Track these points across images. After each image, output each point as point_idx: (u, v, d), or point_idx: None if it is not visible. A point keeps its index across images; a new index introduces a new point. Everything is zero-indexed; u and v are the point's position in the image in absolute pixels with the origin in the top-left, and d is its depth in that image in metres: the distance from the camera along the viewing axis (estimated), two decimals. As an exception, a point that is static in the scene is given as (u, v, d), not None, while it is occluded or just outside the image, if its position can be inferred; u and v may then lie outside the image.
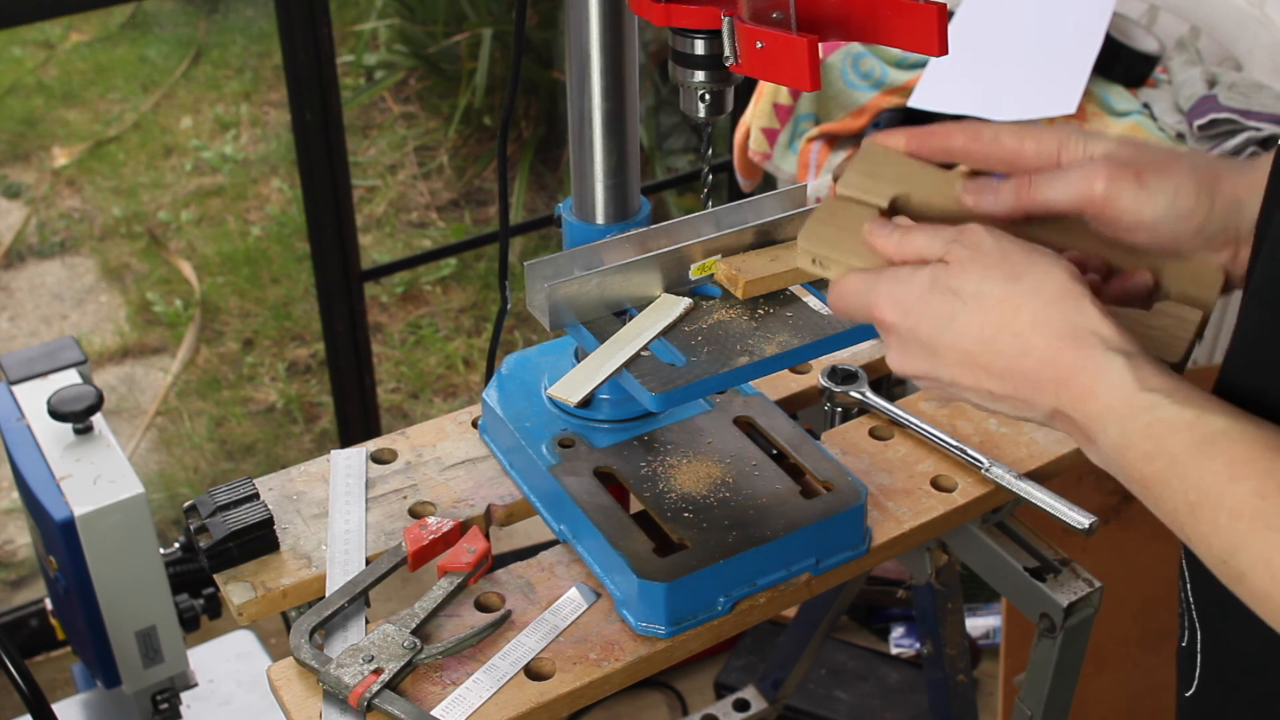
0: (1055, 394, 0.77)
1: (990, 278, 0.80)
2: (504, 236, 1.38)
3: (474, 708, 1.06)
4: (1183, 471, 0.71)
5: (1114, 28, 2.18)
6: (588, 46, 1.14)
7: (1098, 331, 0.76)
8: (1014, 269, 0.80)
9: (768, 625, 2.43)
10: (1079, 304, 0.77)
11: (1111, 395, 0.74)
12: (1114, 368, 0.74)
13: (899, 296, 0.84)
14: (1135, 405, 0.73)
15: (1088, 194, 0.86)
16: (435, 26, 3.99)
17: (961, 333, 0.80)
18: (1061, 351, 0.76)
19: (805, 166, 2.29)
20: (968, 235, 0.83)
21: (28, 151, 4.10)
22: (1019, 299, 0.78)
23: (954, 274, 0.81)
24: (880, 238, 0.88)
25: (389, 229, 3.76)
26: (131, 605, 1.60)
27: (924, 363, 0.84)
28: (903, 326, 0.84)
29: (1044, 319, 0.77)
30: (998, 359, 0.79)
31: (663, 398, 1.07)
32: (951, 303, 0.81)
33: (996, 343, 0.79)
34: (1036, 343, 0.77)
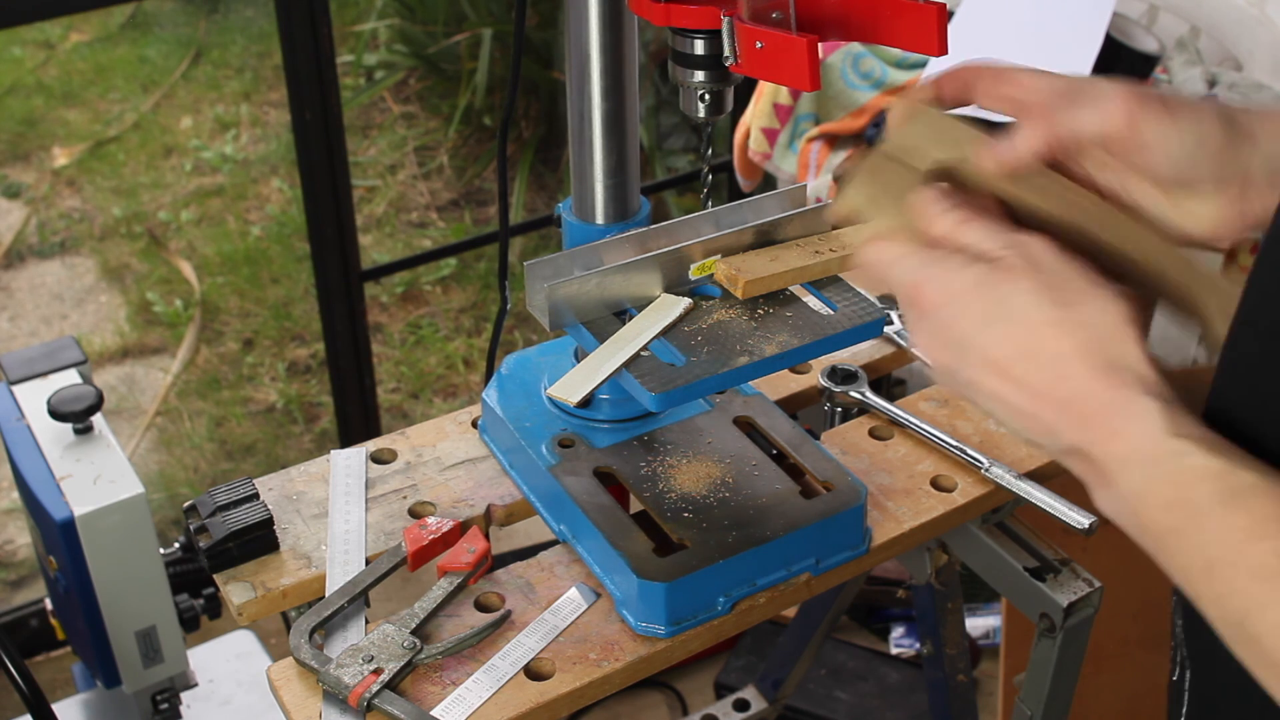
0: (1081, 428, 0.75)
1: (1044, 298, 0.77)
2: (504, 236, 1.38)
3: (474, 708, 1.06)
4: (1204, 524, 0.68)
5: (1114, 28, 2.18)
6: (587, 46, 1.14)
7: (1139, 373, 0.74)
8: (1070, 295, 0.77)
9: (768, 625, 2.43)
10: (1125, 345, 0.75)
11: (1141, 438, 0.72)
12: (1148, 410, 0.72)
13: (947, 283, 0.80)
14: (1163, 450, 0.71)
15: (1115, 119, 0.84)
16: (435, 26, 3.99)
17: (1001, 339, 0.78)
18: (1098, 386, 0.74)
19: (805, 166, 2.29)
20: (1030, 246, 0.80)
21: (28, 151, 4.10)
22: (1069, 325, 0.76)
23: (1006, 281, 0.78)
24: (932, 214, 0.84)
25: (389, 229, 3.77)
26: (131, 605, 1.60)
27: (950, 356, 0.81)
28: (941, 315, 0.80)
29: (1090, 351, 0.75)
30: (1031, 376, 0.76)
31: (662, 398, 1.07)
32: (996, 309, 0.78)
33: (1035, 360, 0.76)
34: (1077, 371, 0.75)
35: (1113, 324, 0.76)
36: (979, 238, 0.82)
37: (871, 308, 1.14)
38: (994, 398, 0.79)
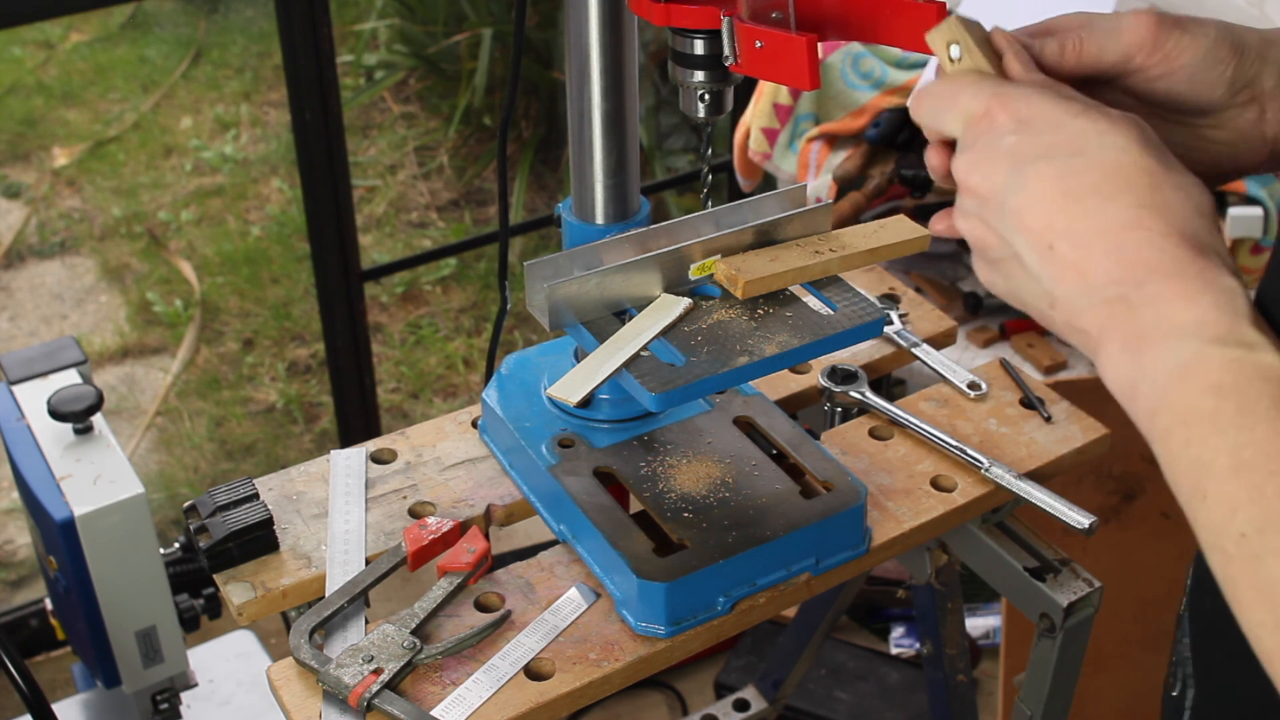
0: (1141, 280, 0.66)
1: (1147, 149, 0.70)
2: (504, 236, 1.38)
3: (474, 708, 1.06)
4: (1250, 422, 0.61)
5: (1114, 28, 2.18)
6: (587, 46, 1.14)
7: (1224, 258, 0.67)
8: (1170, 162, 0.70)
9: (768, 625, 2.43)
10: (1215, 229, 0.69)
11: (1213, 312, 0.64)
12: (1230, 289, 0.65)
13: (1033, 105, 0.73)
14: (1233, 334, 0.63)
15: (1137, 39, 0.83)
16: (435, 26, 3.99)
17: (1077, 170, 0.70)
18: (1181, 248, 0.66)
19: (805, 166, 2.29)
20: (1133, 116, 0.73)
21: (28, 151, 4.10)
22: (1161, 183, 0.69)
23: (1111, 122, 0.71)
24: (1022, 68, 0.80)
25: (389, 229, 3.77)
26: (131, 605, 1.60)
27: (1002, 174, 0.72)
28: (1009, 130, 0.73)
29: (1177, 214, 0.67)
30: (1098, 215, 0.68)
31: (662, 398, 1.07)
32: (1087, 139, 0.71)
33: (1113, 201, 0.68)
34: (1157, 226, 0.67)
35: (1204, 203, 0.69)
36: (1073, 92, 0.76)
37: (871, 308, 1.14)
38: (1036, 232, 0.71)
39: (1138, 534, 2.12)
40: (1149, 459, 1.83)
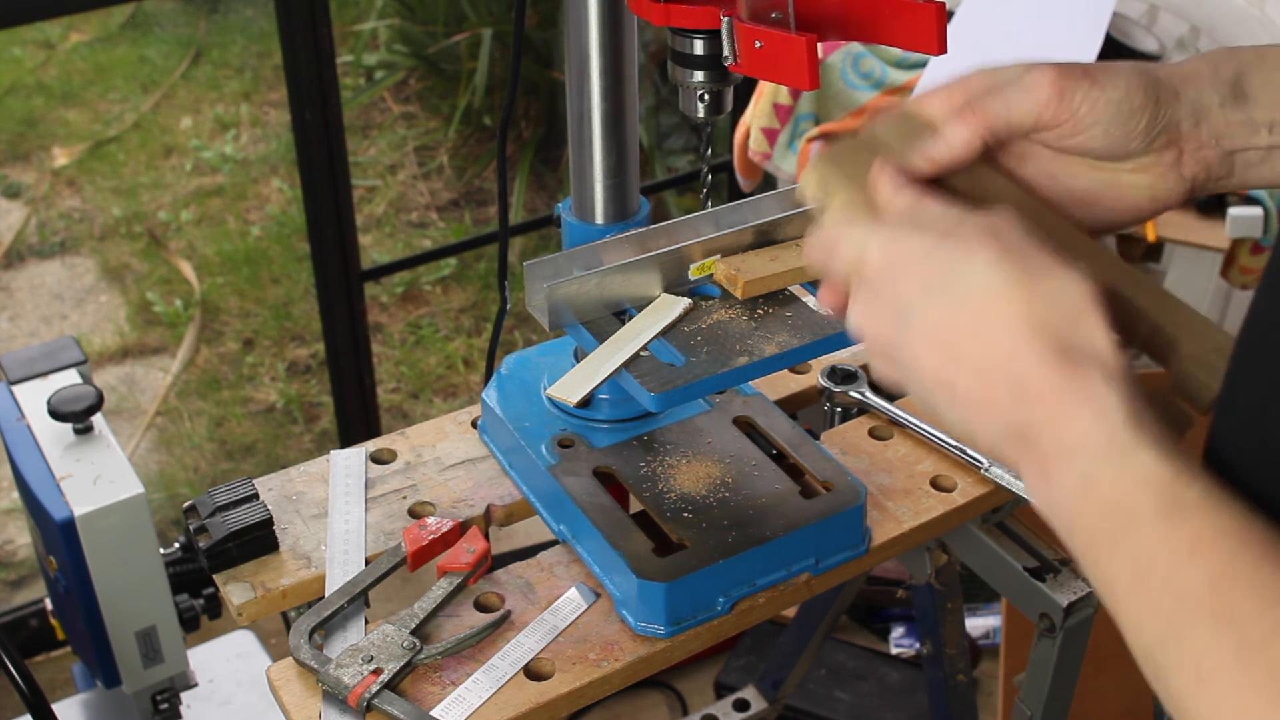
0: (1029, 409, 0.67)
1: (1005, 266, 0.69)
2: (504, 236, 1.38)
3: (473, 708, 1.06)
4: (1139, 535, 0.62)
5: (1114, 28, 2.18)
6: (587, 46, 1.14)
7: (1102, 357, 0.67)
8: (1034, 268, 0.70)
9: (768, 625, 2.43)
10: (1093, 325, 0.68)
11: (1093, 427, 0.65)
12: (1107, 398, 0.65)
13: (894, 250, 0.74)
14: (1115, 444, 0.64)
15: (1041, 98, 0.81)
16: (435, 26, 3.99)
17: (950, 309, 0.70)
18: (1056, 364, 0.66)
19: (805, 166, 2.29)
20: (993, 216, 0.73)
21: (28, 151, 4.10)
22: (1030, 297, 0.68)
23: (967, 247, 0.71)
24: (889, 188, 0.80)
25: (389, 229, 3.77)
26: (131, 605, 1.60)
27: (889, 327, 0.73)
28: (884, 279, 0.73)
29: (1050, 327, 0.67)
30: (980, 352, 0.69)
31: (662, 398, 1.07)
32: (949, 273, 0.71)
33: (987, 334, 0.68)
34: (1031, 347, 0.67)
35: (1077, 301, 0.68)
36: (938, 213, 0.76)
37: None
38: (934, 378, 0.71)
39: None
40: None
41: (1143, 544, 0.61)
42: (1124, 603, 0.62)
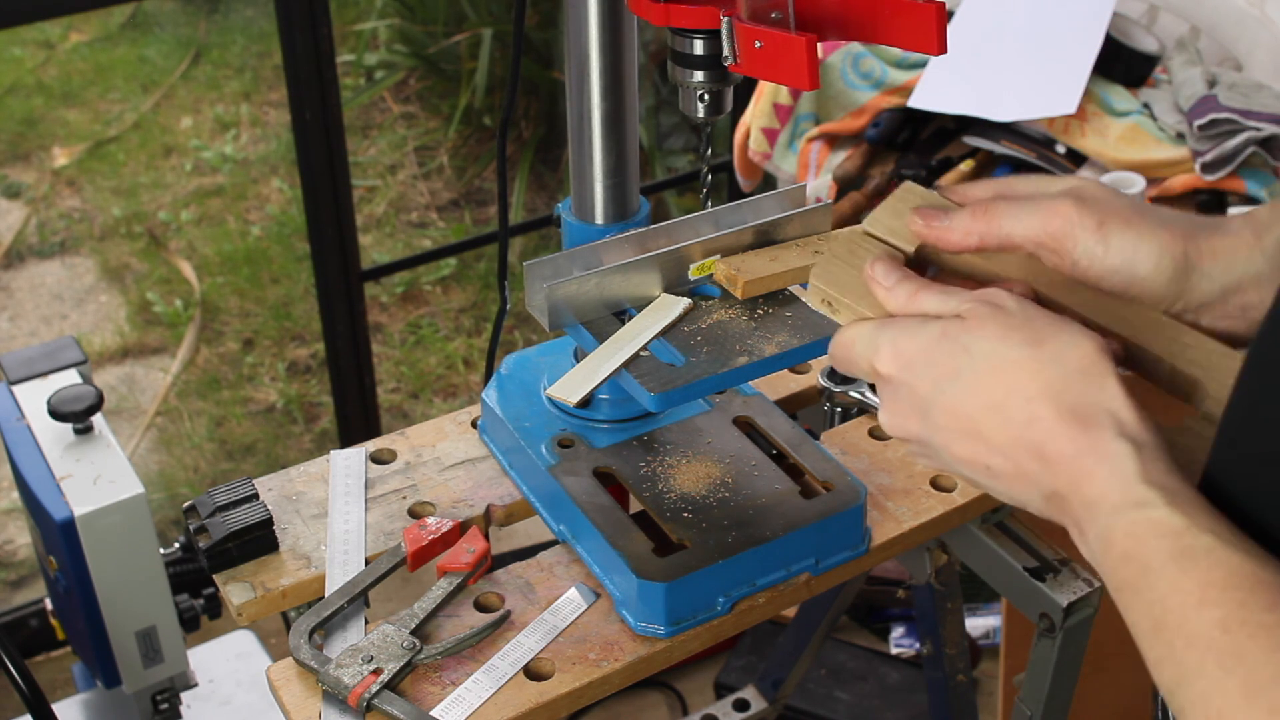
0: (1055, 472, 0.70)
1: (1010, 339, 0.73)
2: (503, 236, 1.38)
3: (473, 708, 1.06)
4: (1153, 582, 0.65)
5: (1114, 28, 2.18)
6: (587, 46, 1.14)
7: (1115, 414, 0.69)
8: (1037, 334, 0.72)
9: (768, 625, 2.43)
10: (1102, 381, 0.70)
11: (1108, 483, 0.68)
12: (1119, 454, 0.68)
13: (903, 346, 0.77)
14: (1128, 498, 0.67)
15: (1045, 230, 0.81)
16: (435, 26, 3.99)
17: (965, 394, 0.73)
18: (1070, 427, 0.70)
19: (805, 166, 2.29)
20: (992, 294, 0.76)
21: (28, 151, 4.10)
22: (1037, 365, 0.71)
23: (970, 329, 0.74)
24: (884, 287, 0.81)
25: (389, 229, 3.77)
26: (131, 605, 1.60)
27: (916, 424, 0.76)
28: (900, 379, 0.77)
29: (1060, 390, 0.70)
30: (1001, 429, 0.72)
31: (662, 398, 1.07)
32: (959, 359, 0.74)
33: (1004, 410, 0.72)
34: (1046, 413, 0.70)
35: (1084, 359, 0.71)
36: (936, 302, 0.78)
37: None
38: (968, 463, 0.74)
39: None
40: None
41: (1156, 591, 0.64)
42: (1145, 646, 0.65)
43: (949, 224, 0.84)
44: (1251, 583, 0.62)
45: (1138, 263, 0.79)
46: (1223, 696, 0.60)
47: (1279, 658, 0.59)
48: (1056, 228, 0.80)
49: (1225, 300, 0.79)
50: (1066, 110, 2.09)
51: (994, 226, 0.83)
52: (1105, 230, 0.79)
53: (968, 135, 2.17)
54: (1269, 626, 0.60)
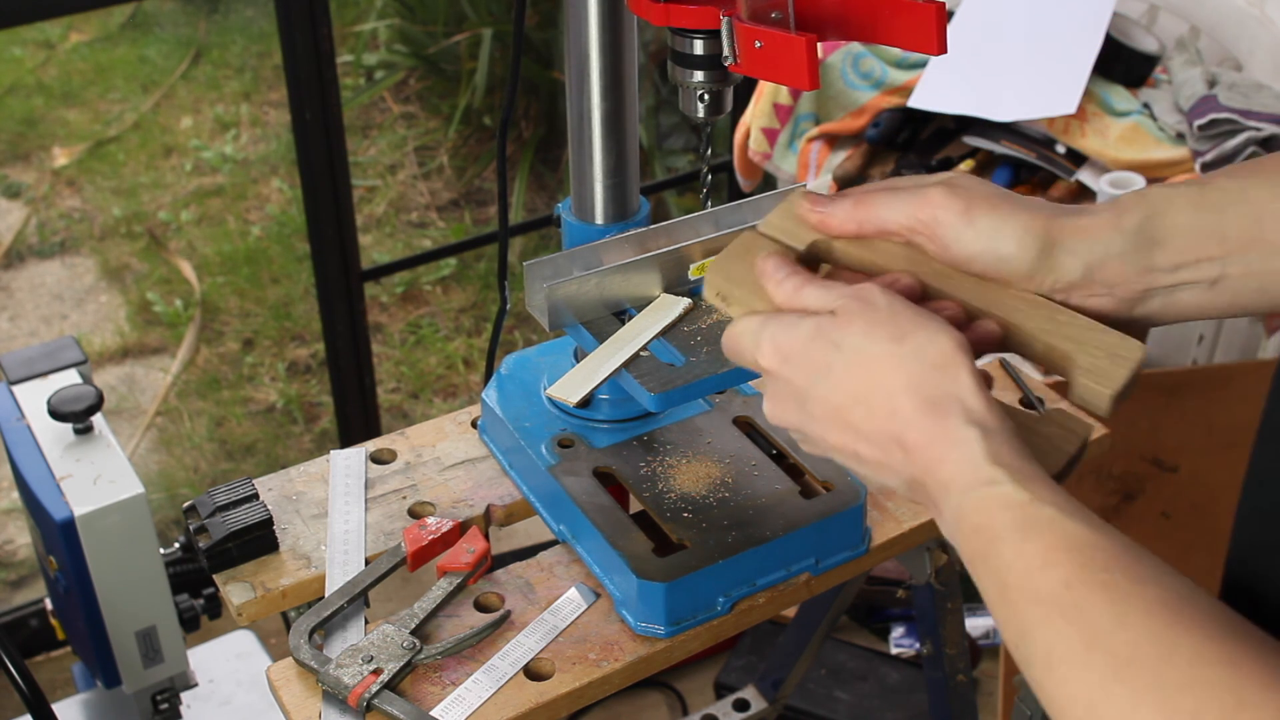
0: (914, 460, 0.77)
1: (874, 335, 0.79)
2: (503, 236, 1.38)
3: (473, 708, 1.06)
4: (1001, 550, 0.71)
5: (1114, 28, 2.18)
6: (587, 46, 1.14)
7: (965, 402, 0.76)
8: (900, 329, 0.79)
9: (768, 625, 2.43)
10: (956, 373, 0.77)
11: (958, 465, 0.74)
12: (967, 438, 0.74)
13: (781, 342, 0.83)
14: (977, 478, 0.73)
15: (916, 216, 0.86)
16: (435, 26, 3.99)
17: (835, 387, 0.80)
18: (925, 416, 0.76)
19: (805, 166, 2.29)
20: (861, 290, 0.82)
21: (28, 151, 4.10)
22: (898, 359, 0.78)
23: (839, 326, 0.80)
24: (773, 282, 0.88)
25: (389, 229, 3.77)
26: (131, 605, 1.60)
27: (794, 414, 0.83)
28: (780, 374, 0.83)
29: (918, 383, 0.77)
30: (868, 419, 0.78)
31: (662, 398, 1.07)
32: (830, 354, 0.80)
33: (868, 401, 0.78)
34: (905, 405, 0.77)
35: (940, 354, 0.77)
36: (817, 296, 0.84)
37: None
38: (840, 450, 0.81)
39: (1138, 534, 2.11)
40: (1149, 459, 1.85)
41: (1004, 558, 0.70)
42: (994, 609, 0.71)
43: (832, 209, 0.90)
44: (1090, 547, 0.68)
45: (1002, 242, 0.84)
46: (1065, 644, 0.66)
47: (1115, 610, 0.65)
48: (926, 213, 0.86)
49: (1090, 277, 0.84)
50: (1066, 110, 2.09)
51: (871, 213, 0.89)
52: (971, 214, 0.85)
53: (968, 135, 2.17)
54: (1105, 584, 0.66)
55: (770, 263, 0.88)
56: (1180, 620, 0.64)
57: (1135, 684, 0.63)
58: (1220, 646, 0.63)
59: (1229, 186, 0.84)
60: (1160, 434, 2.08)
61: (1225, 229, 0.83)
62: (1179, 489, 2.11)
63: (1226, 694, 0.61)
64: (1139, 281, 0.84)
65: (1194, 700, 0.61)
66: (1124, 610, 0.65)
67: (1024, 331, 0.85)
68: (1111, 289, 0.85)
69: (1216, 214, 0.83)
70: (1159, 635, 0.64)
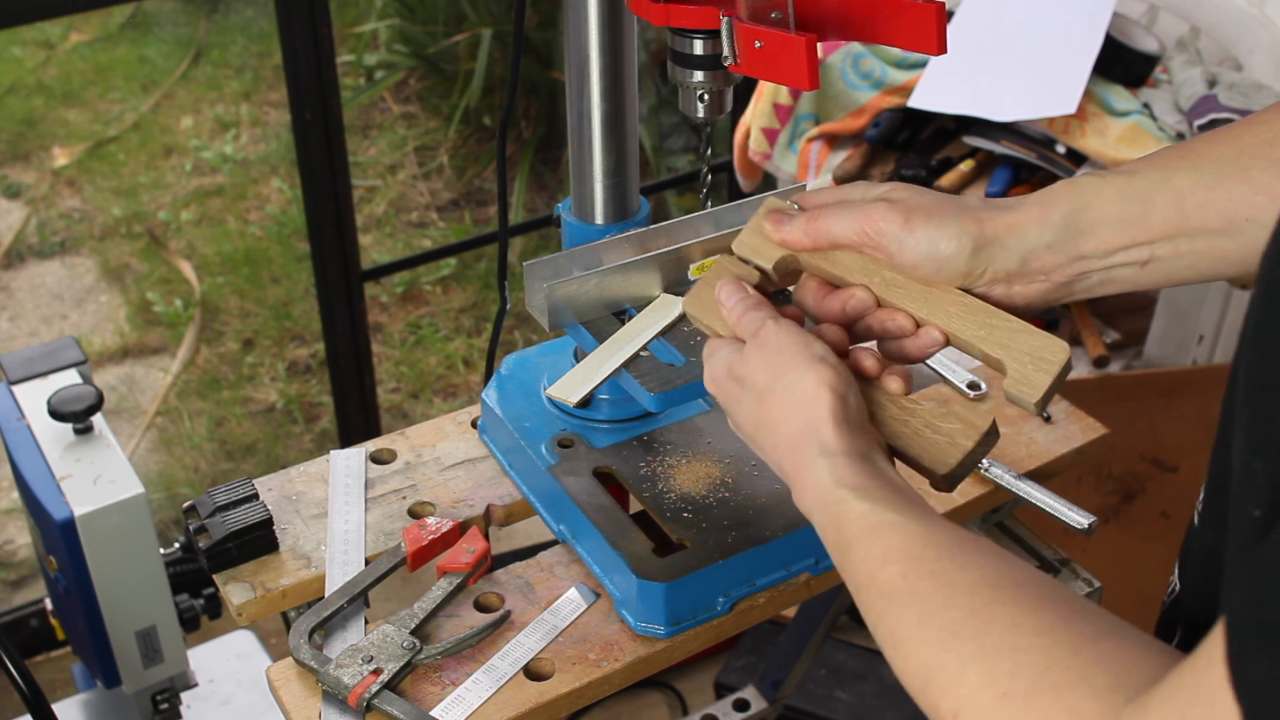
0: (791, 483, 0.89)
1: (762, 373, 0.91)
2: (503, 236, 1.38)
3: (473, 708, 1.06)
4: (852, 555, 0.81)
5: (1114, 28, 2.18)
6: (587, 46, 1.14)
7: (819, 435, 0.86)
8: (780, 369, 0.90)
9: (768, 625, 2.43)
10: (816, 410, 0.87)
11: (815, 491, 0.85)
12: (818, 467, 0.85)
13: (713, 374, 0.96)
14: (828, 500, 0.84)
15: (863, 230, 0.94)
16: (435, 26, 3.99)
17: (745, 416, 0.93)
18: (791, 449, 0.88)
19: (805, 166, 2.29)
20: (765, 329, 0.93)
21: (28, 151, 4.10)
22: (778, 395, 0.89)
23: (741, 364, 0.92)
24: (724, 309, 0.98)
25: (389, 229, 3.77)
26: (131, 605, 1.60)
27: (733, 426, 0.96)
28: (718, 398, 0.96)
29: (790, 417, 0.88)
30: (765, 442, 0.91)
31: (662, 398, 1.07)
32: (737, 388, 0.93)
33: (764, 428, 0.91)
34: (783, 435, 0.89)
35: (805, 390, 0.88)
36: (746, 323, 0.95)
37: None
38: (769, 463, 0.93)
39: (1138, 534, 2.12)
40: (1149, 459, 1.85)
41: (854, 562, 0.81)
42: (858, 604, 0.81)
43: (790, 227, 0.98)
44: (922, 543, 0.78)
45: (941, 246, 0.92)
46: (904, 626, 0.76)
47: (944, 593, 0.75)
48: (871, 227, 0.94)
49: (1025, 267, 0.92)
50: (1066, 110, 2.09)
51: (822, 228, 0.96)
52: (910, 224, 0.92)
53: (968, 135, 2.17)
54: (934, 572, 0.76)
55: (724, 290, 0.98)
56: (998, 597, 0.73)
57: (961, 653, 0.72)
58: (1033, 617, 0.71)
59: (1155, 176, 0.90)
60: (1160, 434, 2.08)
61: (1150, 218, 0.90)
62: (1179, 489, 2.11)
63: (1038, 656, 0.69)
64: (1071, 267, 0.92)
65: (1010, 664, 0.70)
66: (950, 593, 0.75)
67: (962, 337, 0.94)
68: (1046, 275, 0.93)
69: (1142, 203, 0.90)
70: (979, 611, 0.73)
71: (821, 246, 0.97)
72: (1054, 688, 0.67)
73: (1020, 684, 0.68)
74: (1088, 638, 0.70)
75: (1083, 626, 0.71)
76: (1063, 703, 0.66)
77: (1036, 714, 0.67)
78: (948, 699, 0.72)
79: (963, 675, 0.71)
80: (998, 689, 0.69)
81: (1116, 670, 0.67)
